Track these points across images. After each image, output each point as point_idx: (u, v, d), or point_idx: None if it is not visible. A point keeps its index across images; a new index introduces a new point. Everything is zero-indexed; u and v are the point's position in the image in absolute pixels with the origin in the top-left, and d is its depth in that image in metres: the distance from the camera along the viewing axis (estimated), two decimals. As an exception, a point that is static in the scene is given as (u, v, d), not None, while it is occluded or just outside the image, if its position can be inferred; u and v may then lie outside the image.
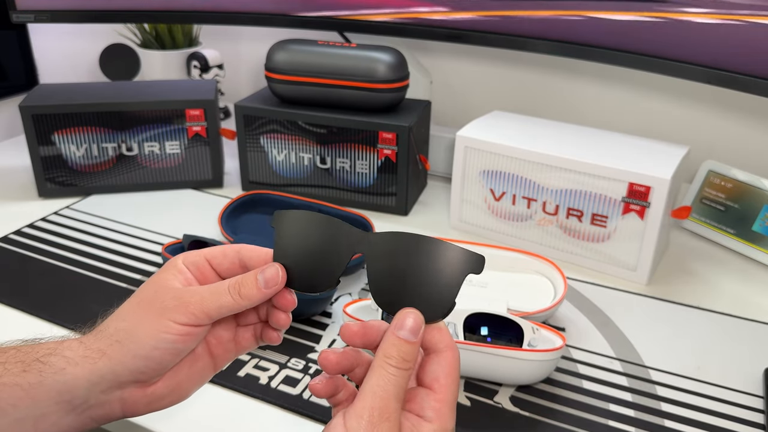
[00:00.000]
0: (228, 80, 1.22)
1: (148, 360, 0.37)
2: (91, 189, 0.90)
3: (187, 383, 0.40)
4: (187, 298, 0.38)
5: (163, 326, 0.37)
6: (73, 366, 0.36)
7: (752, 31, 0.68)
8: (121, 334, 0.37)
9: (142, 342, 0.37)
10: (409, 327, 0.35)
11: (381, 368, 0.34)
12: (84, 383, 0.36)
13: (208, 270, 0.41)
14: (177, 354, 0.38)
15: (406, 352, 0.34)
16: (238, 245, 0.41)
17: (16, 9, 0.98)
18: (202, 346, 0.41)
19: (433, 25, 0.88)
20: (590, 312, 0.67)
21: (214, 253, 0.41)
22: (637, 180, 0.68)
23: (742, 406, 0.54)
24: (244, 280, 0.38)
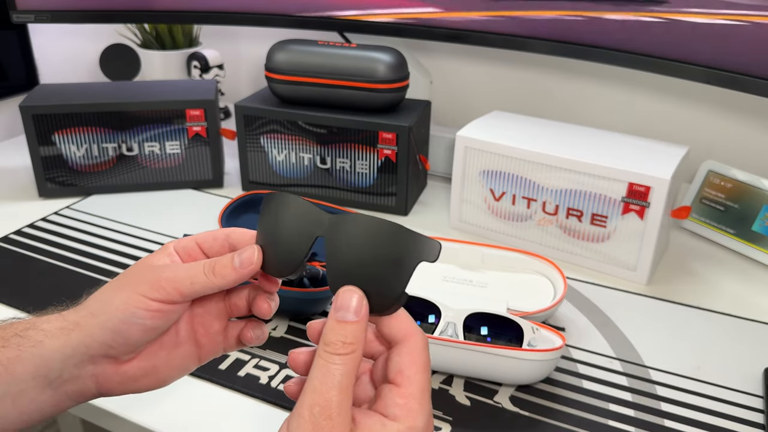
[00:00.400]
0: (228, 80, 1.22)
1: (116, 334, 0.36)
2: (92, 189, 0.90)
3: (165, 368, 0.39)
4: (161, 273, 0.37)
5: (133, 300, 0.36)
6: (50, 338, 0.36)
7: (752, 31, 0.68)
8: (95, 306, 0.37)
9: (112, 314, 0.36)
10: (346, 306, 0.32)
11: (320, 358, 0.31)
12: (59, 356, 0.36)
13: (197, 253, 0.40)
14: (146, 331, 0.37)
15: (346, 334, 0.31)
16: (229, 229, 0.40)
17: (17, 9, 0.98)
18: (187, 332, 0.40)
19: (432, 26, 0.88)
20: (590, 312, 0.67)
21: (205, 237, 0.40)
22: (637, 180, 0.68)
23: (741, 406, 0.54)
24: (221, 259, 0.38)
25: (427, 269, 0.70)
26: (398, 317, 0.34)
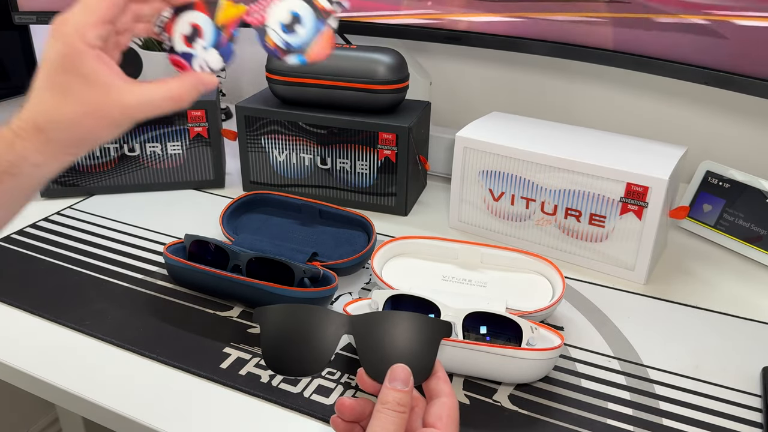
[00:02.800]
0: (229, 81, 1.22)
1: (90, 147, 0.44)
2: (93, 189, 0.90)
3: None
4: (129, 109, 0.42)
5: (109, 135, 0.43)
6: (42, 168, 0.42)
7: (750, 32, 0.69)
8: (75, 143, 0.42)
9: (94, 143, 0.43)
10: (400, 378, 0.41)
11: (379, 413, 0.39)
12: (49, 176, 0.43)
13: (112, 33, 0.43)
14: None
15: (400, 398, 0.40)
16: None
17: (19, 10, 0.98)
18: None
19: (432, 27, 0.89)
20: (589, 311, 0.67)
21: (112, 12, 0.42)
22: (635, 180, 0.68)
23: (739, 405, 0.55)
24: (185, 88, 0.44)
25: (426, 269, 0.70)
26: (441, 379, 0.42)
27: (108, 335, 0.61)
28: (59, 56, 0.40)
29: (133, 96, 0.42)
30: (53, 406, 1.29)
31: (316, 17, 0.45)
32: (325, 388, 0.55)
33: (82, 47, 0.40)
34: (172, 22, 0.46)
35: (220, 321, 0.64)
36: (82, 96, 0.40)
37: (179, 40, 0.46)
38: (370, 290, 0.70)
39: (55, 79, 0.40)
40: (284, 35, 0.46)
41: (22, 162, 0.41)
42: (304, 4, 0.45)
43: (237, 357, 0.59)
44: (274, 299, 0.62)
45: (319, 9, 0.45)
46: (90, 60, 0.40)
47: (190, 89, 0.44)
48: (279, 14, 0.45)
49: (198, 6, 0.45)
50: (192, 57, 0.46)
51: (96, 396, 0.54)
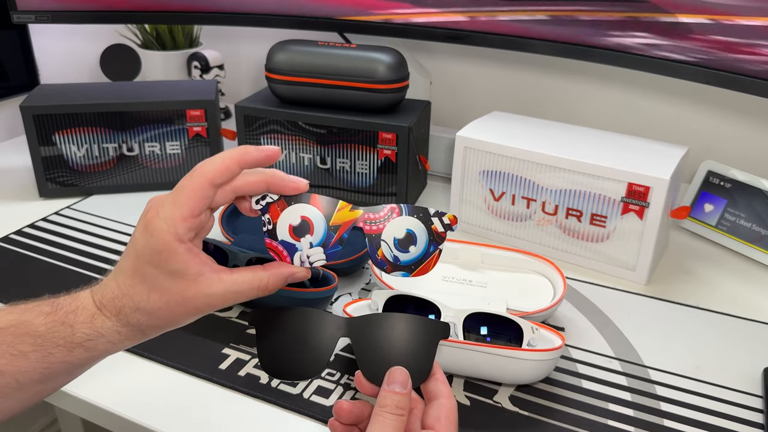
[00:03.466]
0: (228, 81, 1.22)
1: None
2: (92, 189, 0.90)
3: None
4: (214, 299, 0.41)
5: (190, 321, 0.42)
6: (116, 345, 0.42)
7: (751, 32, 0.69)
8: (155, 329, 0.42)
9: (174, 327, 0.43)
10: (398, 381, 0.41)
11: (377, 416, 0.39)
12: (122, 349, 0.43)
13: (202, 225, 0.42)
14: None
15: (398, 401, 0.40)
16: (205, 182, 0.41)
17: (17, 9, 0.98)
18: None
19: (432, 26, 0.89)
20: (589, 312, 0.67)
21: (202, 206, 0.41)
22: (637, 180, 0.68)
23: (740, 406, 0.54)
24: (275, 280, 0.43)
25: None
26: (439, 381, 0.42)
27: (107, 336, 0.61)
28: (151, 250, 0.40)
29: (222, 285, 0.41)
30: (52, 407, 1.29)
31: (428, 239, 0.46)
32: (324, 389, 0.55)
33: (174, 244, 0.39)
34: (279, 209, 0.44)
35: (220, 322, 0.63)
36: (170, 288, 0.40)
37: (285, 228, 0.44)
38: (369, 291, 0.69)
39: (145, 270, 0.40)
40: (396, 251, 0.46)
41: (99, 338, 0.41)
42: (421, 225, 0.45)
43: (236, 358, 0.58)
44: (273, 299, 0.62)
45: (433, 232, 0.46)
46: (181, 255, 0.40)
47: (279, 281, 0.43)
48: (395, 229, 0.45)
49: (314, 201, 0.43)
50: (295, 250, 0.44)
51: (95, 397, 0.54)
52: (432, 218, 0.46)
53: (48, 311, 0.41)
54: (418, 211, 0.45)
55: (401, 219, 0.45)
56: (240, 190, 0.42)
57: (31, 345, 0.40)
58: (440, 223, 0.46)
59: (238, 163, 0.41)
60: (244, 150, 0.41)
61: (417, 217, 0.45)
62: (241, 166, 0.41)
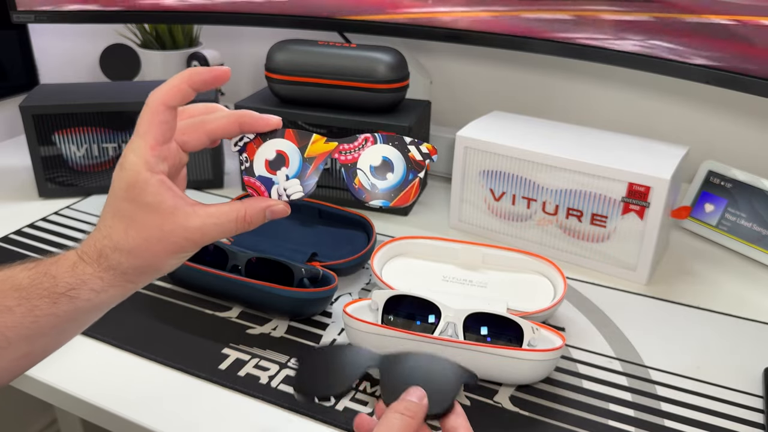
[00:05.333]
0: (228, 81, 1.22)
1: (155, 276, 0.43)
2: (92, 189, 0.90)
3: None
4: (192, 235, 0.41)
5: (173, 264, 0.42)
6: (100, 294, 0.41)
7: (751, 31, 0.68)
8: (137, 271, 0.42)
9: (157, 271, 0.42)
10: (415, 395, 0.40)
11: (386, 415, 0.39)
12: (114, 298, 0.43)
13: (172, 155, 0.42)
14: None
15: (410, 405, 0.39)
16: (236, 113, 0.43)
17: (17, 9, 0.98)
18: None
19: (432, 26, 0.88)
20: (590, 312, 0.67)
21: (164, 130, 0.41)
22: (637, 180, 0.68)
23: (741, 406, 0.54)
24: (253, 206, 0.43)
25: (427, 269, 0.70)
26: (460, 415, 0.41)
27: (106, 336, 0.61)
28: (125, 184, 0.40)
29: (198, 218, 0.41)
30: (52, 407, 1.29)
31: (406, 166, 0.46)
32: (324, 389, 0.55)
33: (146, 174, 0.40)
34: (255, 145, 0.45)
35: (219, 322, 0.63)
36: (146, 222, 0.40)
37: (261, 163, 0.45)
38: (370, 290, 0.69)
39: (120, 206, 0.40)
40: (373, 179, 0.46)
41: (81, 286, 0.41)
42: (397, 153, 0.46)
43: (236, 358, 0.58)
44: (273, 300, 0.62)
45: (411, 159, 0.46)
46: (154, 186, 0.40)
47: (258, 214, 0.43)
48: (371, 157, 0.46)
49: (288, 135, 0.44)
50: (272, 183, 0.45)
51: (94, 397, 0.54)
52: (409, 146, 0.45)
53: (31, 266, 0.41)
54: (393, 139, 0.45)
55: (376, 147, 0.45)
56: (213, 133, 0.43)
57: (16, 299, 0.40)
58: (418, 151, 0.45)
59: (188, 83, 0.41)
60: (193, 70, 0.41)
61: (392, 145, 0.45)
62: (192, 86, 0.41)
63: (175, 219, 0.40)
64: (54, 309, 0.40)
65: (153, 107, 0.40)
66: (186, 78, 0.41)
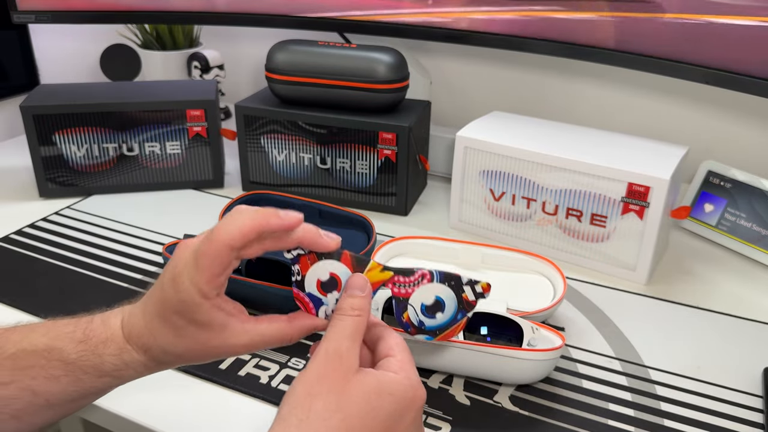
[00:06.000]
0: (228, 81, 1.22)
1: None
2: (92, 189, 0.90)
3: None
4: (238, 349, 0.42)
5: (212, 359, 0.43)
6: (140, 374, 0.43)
7: (751, 31, 0.69)
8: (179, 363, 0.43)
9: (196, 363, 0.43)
10: (356, 286, 0.41)
11: (333, 319, 0.40)
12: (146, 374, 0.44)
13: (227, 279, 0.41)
14: None
15: (354, 303, 0.40)
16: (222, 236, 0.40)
17: (17, 9, 0.98)
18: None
19: (432, 26, 0.89)
20: (590, 312, 0.67)
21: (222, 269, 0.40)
22: (637, 180, 0.68)
23: (741, 406, 0.54)
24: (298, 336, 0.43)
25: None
26: (380, 323, 0.43)
27: (106, 336, 0.61)
28: (178, 302, 0.40)
29: (247, 336, 0.41)
30: (52, 406, 1.29)
31: (457, 307, 0.46)
32: (324, 389, 0.55)
33: (199, 300, 0.40)
34: (309, 261, 0.43)
35: (220, 321, 0.63)
36: (195, 337, 0.41)
37: (313, 282, 0.44)
38: (370, 290, 0.69)
39: (171, 318, 0.41)
40: (422, 316, 0.46)
41: (126, 368, 0.42)
42: (451, 293, 0.46)
43: (236, 357, 0.58)
44: (273, 299, 0.62)
45: (463, 300, 0.46)
46: (206, 311, 0.40)
47: (302, 333, 0.43)
48: (424, 295, 0.45)
49: (345, 259, 0.43)
50: (321, 303, 0.44)
51: (94, 397, 0.54)
52: (464, 286, 0.45)
53: (80, 339, 0.42)
54: (450, 278, 0.45)
55: (431, 285, 0.45)
56: (271, 248, 0.42)
57: (63, 370, 0.41)
58: (472, 291, 0.46)
59: (257, 232, 0.40)
60: (264, 218, 0.40)
61: (448, 285, 0.45)
62: (260, 234, 0.40)
63: (224, 337, 0.41)
64: (98, 383, 0.42)
65: (216, 250, 0.39)
66: (257, 228, 0.40)
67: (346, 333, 0.39)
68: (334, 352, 0.38)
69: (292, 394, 0.37)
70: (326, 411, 0.35)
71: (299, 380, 0.37)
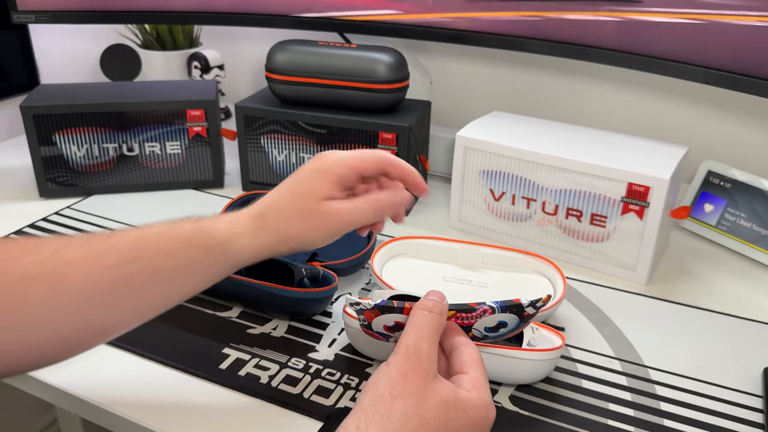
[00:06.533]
0: (228, 81, 1.22)
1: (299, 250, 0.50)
2: (92, 189, 0.90)
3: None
4: (340, 216, 0.48)
5: (317, 239, 0.49)
6: (246, 252, 0.48)
7: (751, 31, 0.69)
8: (283, 235, 0.48)
9: (299, 245, 0.49)
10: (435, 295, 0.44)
11: (414, 315, 0.43)
12: (252, 261, 0.49)
13: (353, 178, 0.49)
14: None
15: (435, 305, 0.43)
16: (379, 153, 0.50)
17: (17, 9, 0.98)
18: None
19: (432, 26, 0.89)
20: (590, 312, 0.67)
21: (366, 170, 0.50)
22: (637, 180, 0.68)
23: (741, 406, 0.54)
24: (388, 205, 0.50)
25: (427, 269, 0.70)
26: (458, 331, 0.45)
27: (107, 336, 0.61)
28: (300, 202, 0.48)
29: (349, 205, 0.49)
30: (52, 406, 1.29)
31: (519, 322, 0.48)
32: (324, 389, 0.55)
33: (316, 205, 0.48)
34: (373, 315, 0.47)
35: (220, 321, 0.63)
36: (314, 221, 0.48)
37: (380, 326, 0.48)
38: (370, 290, 0.69)
39: (295, 207, 0.48)
40: (485, 332, 0.48)
41: (234, 239, 0.47)
42: (513, 316, 0.47)
43: (236, 357, 0.58)
44: (273, 299, 0.62)
45: (525, 316, 0.47)
46: (324, 207, 0.48)
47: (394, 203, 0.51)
48: (487, 321, 0.47)
49: (407, 311, 0.45)
50: (390, 337, 0.49)
51: (95, 397, 0.54)
52: (525, 309, 0.47)
53: (194, 220, 0.48)
54: (511, 308, 0.46)
55: (494, 316, 0.46)
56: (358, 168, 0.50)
57: (178, 245, 0.46)
58: (533, 308, 0.47)
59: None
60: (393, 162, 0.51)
61: (510, 312, 0.47)
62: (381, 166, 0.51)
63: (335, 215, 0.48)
64: (206, 258, 0.46)
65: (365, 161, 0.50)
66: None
67: (424, 332, 0.41)
68: (414, 350, 0.40)
69: (374, 388, 0.39)
70: (406, 413, 0.37)
71: (382, 376, 0.39)
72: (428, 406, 0.38)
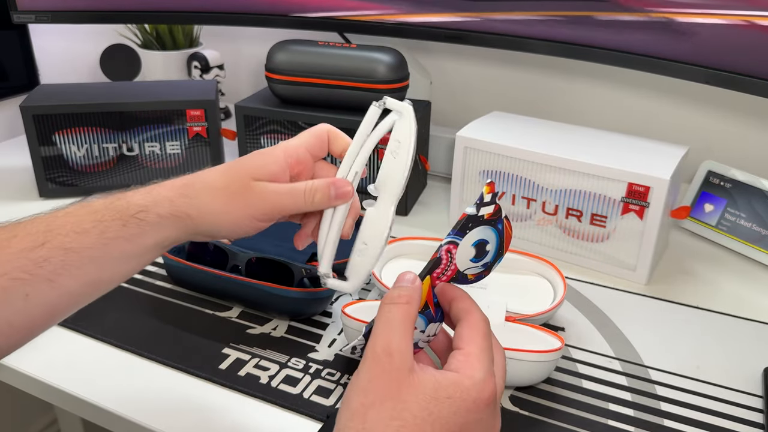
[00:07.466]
0: (228, 81, 1.22)
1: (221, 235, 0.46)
2: (92, 189, 0.90)
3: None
4: (270, 199, 0.45)
5: (242, 222, 0.45)
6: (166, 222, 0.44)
7: (751, 31, 0.69)
8: (207, 214, 0.44)
9: (223, 226, 0.45)
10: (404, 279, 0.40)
11: (380, 310, 0.38)
12: (174, 235, 0.44)
13: (306, 159, 0.48)
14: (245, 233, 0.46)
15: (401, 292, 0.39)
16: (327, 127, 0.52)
17: (17, 9, 0.98)
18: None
19: (432, 26, 0.88)
20: (590, 312, 0.67)
21: (308, 141, 0.49)
22: (637, 180, 0.68)
23: (741, 406, 0.54)
24: (319, 188, 0.47)
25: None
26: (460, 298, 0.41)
27: (106, 336, 0.61)
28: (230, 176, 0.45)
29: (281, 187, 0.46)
30: (52, 407, 1.29)
31: (491, 228, 0.44)
32: (324, 389, 0.55)
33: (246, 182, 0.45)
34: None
35: (220, 321, 0.63)
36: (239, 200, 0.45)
37: None
38: (369, 291, 0.69)
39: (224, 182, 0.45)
40: (478, 263, 0.45)
41: (151, 207, 0.43)
42: (479, 230, 0.43)
43: (236, 358, 0.58)
44: (273, 300, 0.62)
45: (487, 219, 0.43)
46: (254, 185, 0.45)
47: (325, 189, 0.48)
48: (464, 255, 0.43)
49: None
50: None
51: (95, 397, 0.54)
52: (478, 215, 0.43)
53: (109, 194, 0.44)
54: (465, 226, 0.43)
55: (461, 248, 0.43)
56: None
57: (91, 222, 0.42)
58: (484, 206, 0.43)
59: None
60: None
61: (470, 230, 0.43)
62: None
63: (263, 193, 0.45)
64: (123, 232, 0.42)
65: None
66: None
67: (393, 326, 0.37)
68: (383, 351, 0.36)
69: (347, 404, 0.36)
70: (381, 420, 0.34)
71: (352, 387, 0.36)
72: (405, 406, 0.34)
